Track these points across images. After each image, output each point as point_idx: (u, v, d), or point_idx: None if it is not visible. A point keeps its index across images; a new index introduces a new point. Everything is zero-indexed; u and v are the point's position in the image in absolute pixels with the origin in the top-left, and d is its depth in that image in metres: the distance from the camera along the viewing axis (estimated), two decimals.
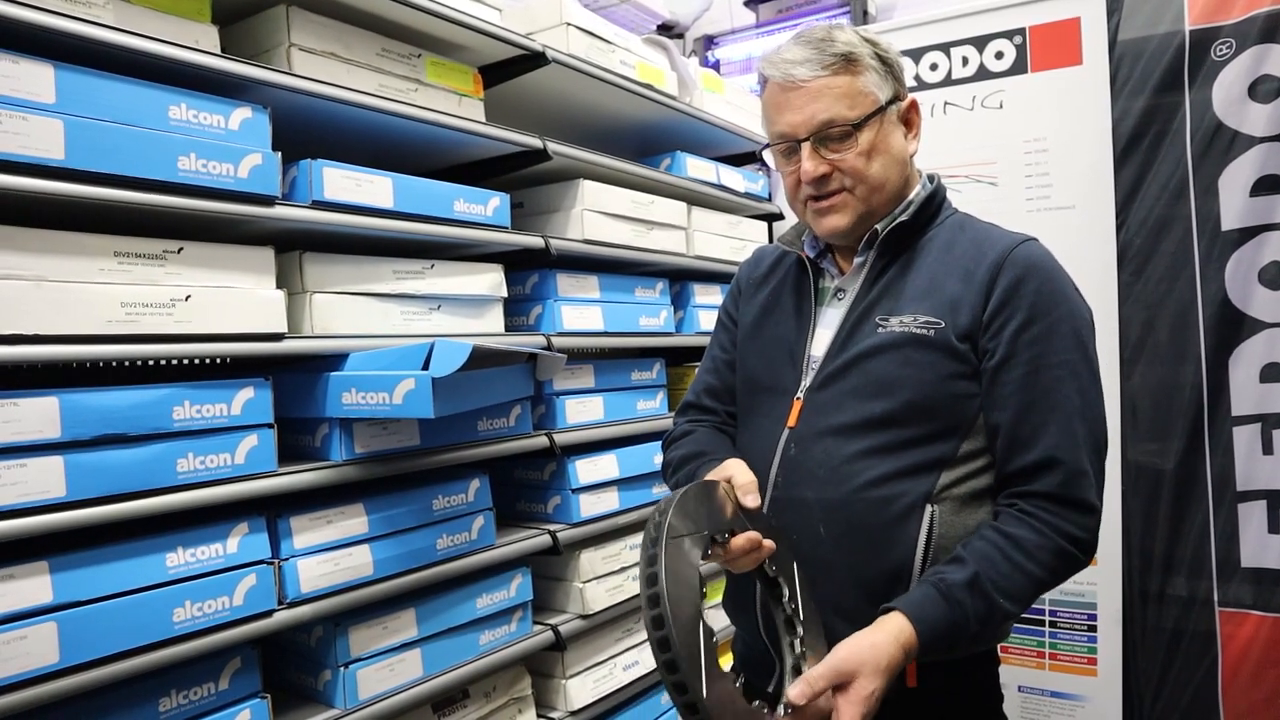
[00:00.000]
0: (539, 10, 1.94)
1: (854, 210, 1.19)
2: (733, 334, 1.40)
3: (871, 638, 1.03)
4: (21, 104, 1.09)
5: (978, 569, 1.07)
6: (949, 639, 1.05)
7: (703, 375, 1.43)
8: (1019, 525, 1.10)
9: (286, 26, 1.44)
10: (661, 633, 0.88)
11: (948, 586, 1.06)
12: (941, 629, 1.05)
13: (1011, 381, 1.12)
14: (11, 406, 1.08)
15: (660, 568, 0.90)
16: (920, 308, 1.16)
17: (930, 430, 1.14)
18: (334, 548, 1.42)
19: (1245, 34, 2.11)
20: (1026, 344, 1.12)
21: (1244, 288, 2.13)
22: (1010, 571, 1.07)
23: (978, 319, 1.14)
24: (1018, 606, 1.09)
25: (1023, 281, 1.13)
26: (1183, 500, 2.21)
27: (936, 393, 1.14)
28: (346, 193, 1.46)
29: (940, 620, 1.05)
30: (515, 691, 1.77)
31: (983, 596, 1.06)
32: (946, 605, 1.05)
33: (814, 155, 1.16)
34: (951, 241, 1.21)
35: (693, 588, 0.94)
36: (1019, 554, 1.08)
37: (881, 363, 1.16)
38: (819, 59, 1.15)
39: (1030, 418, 1.12)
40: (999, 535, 1.10)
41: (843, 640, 1.03)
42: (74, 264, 1.16)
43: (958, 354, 1.14)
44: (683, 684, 0.87)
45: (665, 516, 0.96)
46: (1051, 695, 2.30)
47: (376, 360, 1.45)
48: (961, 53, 2.40)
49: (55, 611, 1.10)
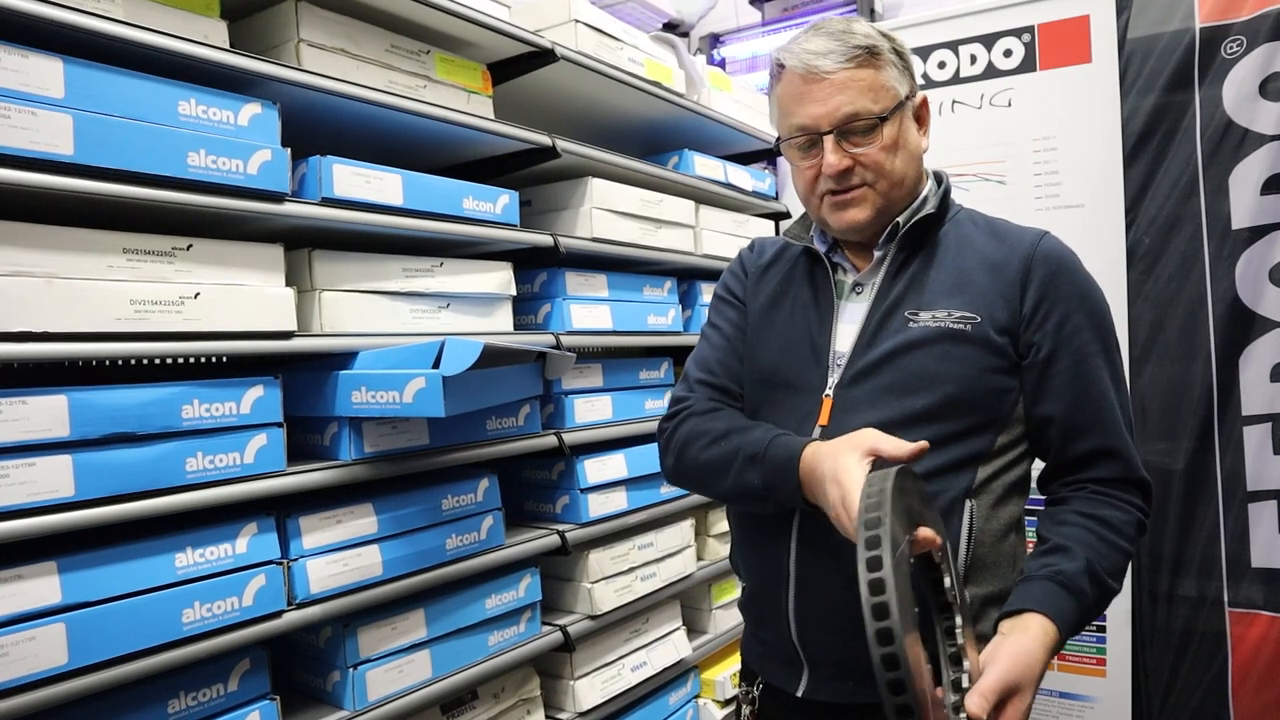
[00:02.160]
0: (547, 7, 1.93)
1: (873, 205, 1.18)
2: (743, 313, 1.34)
3: (1028, 646, 1.00)
4: (30, 99, 1.07)
5: (1088, 556, 1.09)
6: (1078, 629, 1.09)
7: (714, 353, 1.33)
8: (1103, 507, 1.15)
9: (295, 22, 1.43)
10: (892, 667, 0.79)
11: (1068, 578, 1.08)
12: (1074, 621, 1.07)
13: (1061, 374, 1.16)
14: (20, 405, 1.07)
15: (890, 597, 0.79)
16: (953, 303, 1.17)
17: (969, 425, 1.14)
18: (343, 548, 1.41)
19: (1256, 32, 2.10)
20: (1068, 337, 1.16)
21: (1254, 286, 2.12)
22: (1109, 552, 1.11)
23: (1016, 314, 1.16)
24: (1119, 584, 1.13)
25: (1057, 275, 1.17)
26: (1193, 500, 2.20)
27: (976, 386, 1.15)
28: (356, 190, 1.45)
29: (1072, 612, 1.07)
30: (524, 692, 1.76)
31: (1099, 582, 1.09)
32: (1073, 597, 1.07)
33: (837, 149, 1.15)
34: (968, 235, 1.22)
35: (908, 600, 0.84)
36: (1113, 534, 1.12)
37: (919, 358, 1.15)
38: (843, 50, 1.13)
39: (1084, 407, 1.16)
40: (1089, 519, 1.14)
41: (1001, 646, 1.00)
42: (83, 261, 1.15)
43: (996, 348, 1.15)
44: (907, 707, 0.79)
45: (885, 520, 0.83)
46: (1060, 696, 2.29)
47: (386, 359, 1.44)
48: (970, 50, 2.39)
49: (64, 612, 1.09)
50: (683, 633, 2.16)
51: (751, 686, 1.32)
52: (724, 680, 2.23)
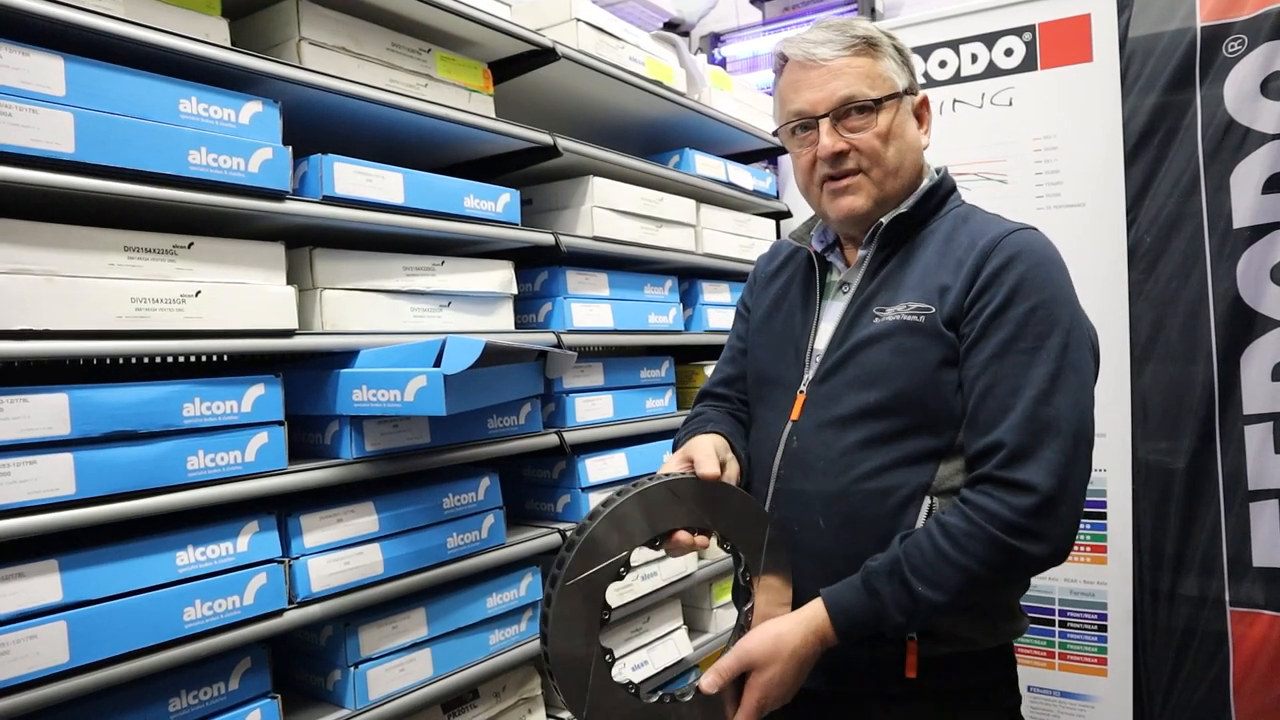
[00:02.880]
0: (548, 6, 1.93)
1: (868, 193, 1.19)
2: (749, 324, 1.42)
3: (779, 627, 1.09)
4: (31, 97, 1.07)
5: (901, 555, 1.07)
6: (869, 625, 1.08)
7: (720, 364, 1.46)
8: (952, 512, 1.08)
9: (297, 20, 1.43)
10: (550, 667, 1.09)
11: (869, 574, 1.08)
12: (858, 616, 1.07)
13: (976, 365, 1.10)
14: (21, 403, 1.06)
15: (549, 623, 1.07)
16: (913, 295, 1.16)
17: (922, 420, 1.13)
18: (344, 546, 1.41)
19: (1257, 30, 2.10)
20: (998, 326, 1.10)
21: (1255, 285, 2.12)
22: (935, 559, 1.05)
23: (960, 304, 1.13)
24: (944, 596, 1.04)
25: (1007, 266, 1.11)
26: (1194, 499, 2.20)
27: (926, 381, 1.13)
28: (357, 188, 1.44)
29: (856, 607, 1.07)
30: (525, 691, 1.75)
31: (902, 584, 1.06)
32: (865, 593, 1.07)
33: (832, 132, 1.17)
34: (952, 233, 1.21)
35: (582, 623, 1.08)
36: (946, 541, 1.05)
37: (875, 352, 1.16)
38: (841, 40, 1.17)
39: (988, 401, 1.08)
40: (934, 522, 1.09)
41: (760, 626, 1.10)
42: (84, 259, 1.15)
43: (945, 340, 1.13)
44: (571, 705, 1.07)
45: (565, 563, 1.07)
46: (1061, 695, 2.29)
47: (387, 357, 1.44)
48: (971, 50, 2.39)
49: (65, 610, 1.09)
50: (684, 632, 2.16)
51: None
52: None
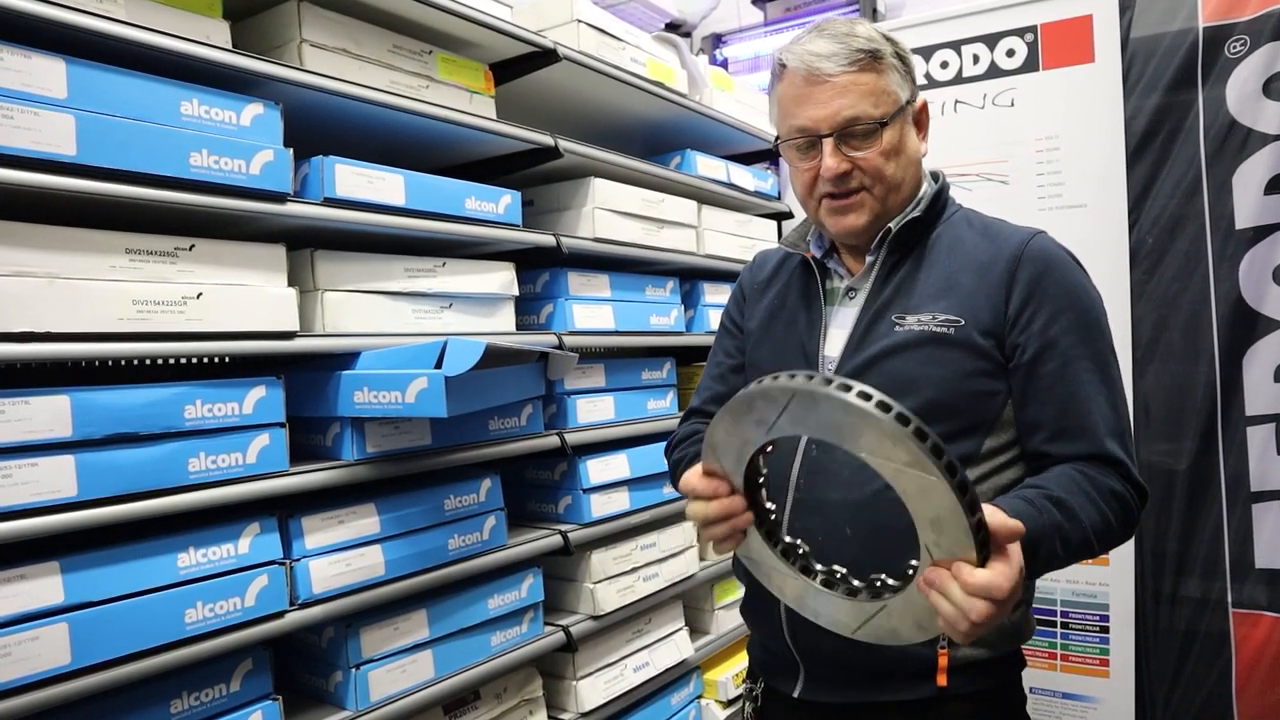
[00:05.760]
0: (549, 7, 1.93)
1: (870, 210, 1.18)
2: (739, 340, 1.39)
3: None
4: (33, 99, 1.07)
5: (1058, 488, 1.03)
6: (1043, 544, 0.97)
7: (708, 381, 1.42)
8: (1089, 471, 1.08)
9: (298, 22, 1.43)
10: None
11: (1027, 498, 1.00)
12: (1035, 532, 0.96)
13: (1048, 375, 1.13)
14: (23, 405, 1.07)
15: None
16: (938, 306, 1.16)
17: (953, 428, 1.13)
18: (346, 548, 1.41)
19: (1259, 31, 2.10)
20: (1054, 338, 1.12)
21: (1258, 286, 2.12)
22: (1085, 504, 1.04)
23: (1001, 315, 1.14)
24: (1096, 545, 1.05)
25: (1044, 275, 1.14)
26: (1196, 500, 2.20)
27: (959, 390, 1.13)
28: (358, 190, 1.45)
29: (1030, 518, 0.96)
30: (526, 693, 1.76)
31: (1067, 511, 1.01)
32: (1033, 508, 0.98)
33: (836, 152, 1.15)
34: (960, 237, 1.21)
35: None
36: (1094, 490, 1.06)
37: (902, 362, 1.15)
38: (845, 53, 1.13)
39: (1070, 411, 1.12)
40: (1074, 471, 1.07)
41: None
42: (85, 261, 1.15)
43: (981, 351, 1.13)
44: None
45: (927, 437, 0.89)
46: (1063, 697, 2.29)
47: (388, 359, 1.44)
48: (973, 50, 2.38)
49: (67, 612, 1.09)
50: (685, 633, 2.16)
51: (755, 685, 1.33)
52: (726, 681, 2.23)
